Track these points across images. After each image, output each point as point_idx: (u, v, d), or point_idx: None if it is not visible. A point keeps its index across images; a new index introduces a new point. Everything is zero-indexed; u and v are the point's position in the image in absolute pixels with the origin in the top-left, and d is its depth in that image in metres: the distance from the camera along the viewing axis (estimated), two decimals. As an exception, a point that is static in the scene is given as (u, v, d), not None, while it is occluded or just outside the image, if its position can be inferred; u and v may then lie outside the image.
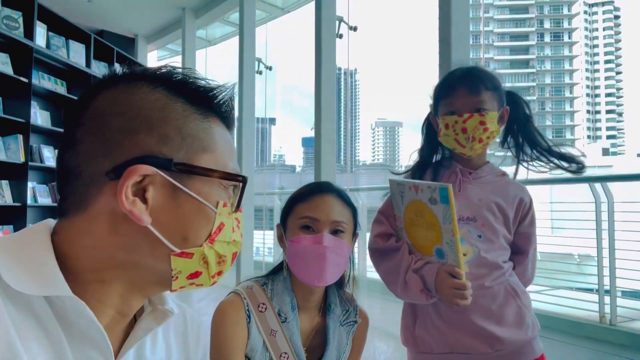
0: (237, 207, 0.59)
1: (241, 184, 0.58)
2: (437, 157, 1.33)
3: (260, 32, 5.19)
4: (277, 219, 4.43)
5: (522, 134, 1.28)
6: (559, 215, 4.36)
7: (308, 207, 1.06)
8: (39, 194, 4.10)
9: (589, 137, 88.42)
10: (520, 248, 1.25)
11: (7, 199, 3.79)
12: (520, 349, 1.18)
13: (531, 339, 1.19)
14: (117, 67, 0.64)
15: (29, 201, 3.89)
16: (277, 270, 1.12)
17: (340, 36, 3.82)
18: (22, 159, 3.80)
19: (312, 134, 4.42)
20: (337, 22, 3.82)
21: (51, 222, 0.55)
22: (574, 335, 3.38)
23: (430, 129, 1.32)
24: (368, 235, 1.31)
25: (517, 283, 1.21)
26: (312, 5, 3.81)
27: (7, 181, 3.83)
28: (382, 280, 1.25)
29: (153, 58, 6.96)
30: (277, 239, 1.13)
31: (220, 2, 5.29)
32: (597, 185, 3.49)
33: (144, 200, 0.51)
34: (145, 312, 0.60)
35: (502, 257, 1.20)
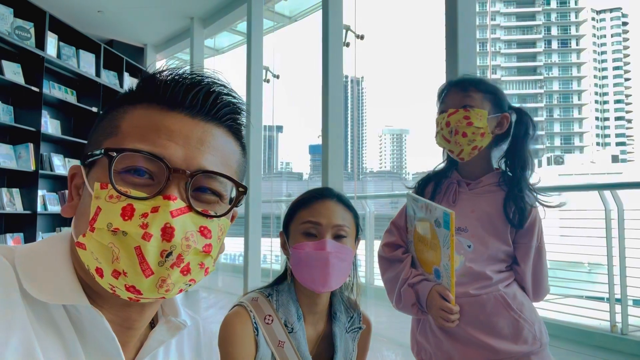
0: (161, 192, 0.50)
1: (163, 164, 0.50)
2: (438, 167, 1.35)
3: (267, 40, 5.23)
4: (284, 227, 4.43)
5: (515, 150, 1.27)
6: (569, 223, 4.32)
7: (309, 213, 1.06)
8: (49, 201, 4.14)
9: (598, 144, 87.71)
10: (517, 259, 1.25)
11: (18, 207, 3.83)
12: None
13: (530, 353, 1.17)
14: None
15: (39, 209, 3.93)
16: (281, 278, 1.12)
17: (347, 44, 3.83)
18: (32, 167, 3.84)
19: (319, 141, 4.43)
20: (344, 31, 3.84)
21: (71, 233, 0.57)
22: (585, 344, 3.34)
23: None
24: (378, 243, 1.35)
25: (513, 294, 1.20)
26: (319, 14, 3.84)
27: (17, 189, 3.88)
28: (385, 288, 1.29)
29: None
30: (281, 246, 1.14)
31: (228, 12, 5.34)
32: (607, 193, 3.46)
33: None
34: (159, 323, 0.60)
35: (491, 267, 1.20)
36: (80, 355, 0.50)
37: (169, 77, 0.54)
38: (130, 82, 5.04)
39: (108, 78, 4.91)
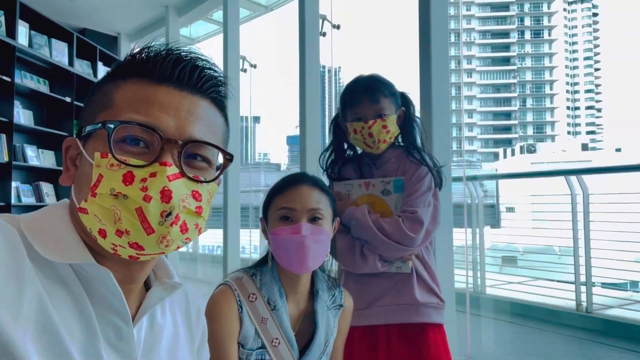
0: (157, 159, 0.54)
1: (157, 135, 0.54)
2: (349, 153, 1.55)
3: (244, 30, 5.21)
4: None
5: (407, 128, 1.49)
6: (540, 208, 4.48)
7: (285, 199, 1.11)
8: (22, 193, 4.08)
9: (569, 132, 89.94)
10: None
11: (-9, 199, 3.76)
12: None
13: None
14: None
15: (13, 201, 3.87)
16: (264, 261, 1.17)
17: (324, 34, 3.87)
18: (5, 159, 3.78)
19: (297, 132, 4.46)
20: (321, 20, 3.87)
21: (67, 201, 0.62)
22: (553, 323, 3.51)
23: (337, 129, 1.54)
24: None
25: None
26: (296, 3, 3.86)
27: (-10, 181, 3.81)
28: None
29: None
30: (261, 231, 1.19)
31: (203, 0, 5.29)
32: (573, 178, 3.61)
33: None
34: (155, 284, 0.66)
35: None
36: (89, 309, 0.54)
37: (157, 53, 0.59)
38: (104, 71, 4.97)
39: (81, 67, 4.83)
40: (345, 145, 1.55)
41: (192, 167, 0.58)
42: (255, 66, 5.32)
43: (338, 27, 3.96)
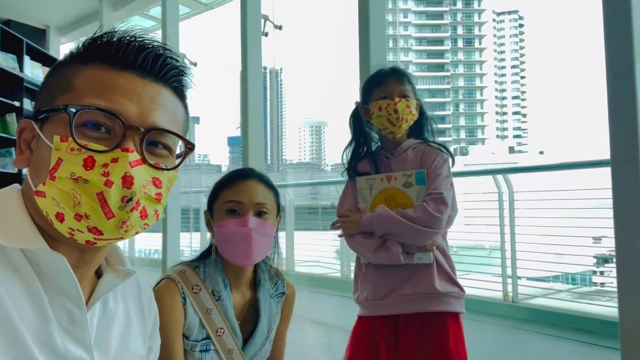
0: (119, 145, 0.55)
1: (119, 121, 0.55)
2: (364, 149, 1.58)
3: (184, 27, 5.11)
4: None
5: (422, 119, 1.56)
6: (470, 206, 4.74)
7: (232, 192, 1.13)
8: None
9: (497, 136, 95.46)
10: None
11: None
12: None
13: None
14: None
15: None
16: (207, 253, 1.19)
17: (266, 34, 3.89)
18: None
19: (238, 133, 4.44)
20: (263, 21, 3.88)
21: (19, 186, 0.61)
22: (483, 313, 3.73)
23: (357, 118, 1.58)
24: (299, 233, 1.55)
25: None
26: (236, 2, 3.84)
27: None
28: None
29: (66, 51, 6.56)
30: (205, 224, 1.20)
31: (140, -5, 5.13)
32: (500, 177, 3.87)
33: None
34: (107, 271, 0.66)
35: None
36: (42, 295, 0.54)
37: (119, 39, 0.59)
38: (31, 66, 4.68)
39: (6, 61, 4.51)
40: (361, 140, 1.58)
41: (153, 154, 0.59)
42: (195, 64, 5.23)
43: (280, 27, 3.99)
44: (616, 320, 3.04)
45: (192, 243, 7.16)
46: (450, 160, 1.49)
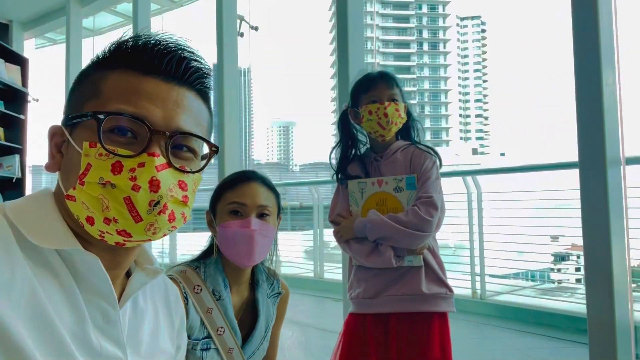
0: (145, 150, 0.56)
1: (145, 126, 0.56)
2: (352, 152, 1.61)
3: (155, 23, 5.01)
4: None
5: (410, 122, 1.60)
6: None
7: (235, 194, 1.16)
8: None
9: (461, 138, 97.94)
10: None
11: None
12: None
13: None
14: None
15: None
16: (207, 253, 1.21)
17: (242, 35, 3.87)
18: None
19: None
20: (239, 21, 3.86)
21: (51, 189, 0.62)
22: (452, 310, 3.85)
23: (345, 121, 1.61)
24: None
25: None
26: (208, 1, 3.80)
27: None
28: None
29: (31, 46, 6.33)
30: (207, 224, 1.22)
31: (110, -9, 5.01)
32: (469, 178, 4.00)
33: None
34: (136, 270, 0.68)
35: None
36: (77, 294, 0.56)
37: (144, 44, 0.60)
38: (-6, 61, 4.49)
39: (-34, 55, 4.33)
40: (349, 142, 1.60)
41: (178, 157, 0.60)
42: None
43: (257, 28, 3.99)
44: (579, 316, 3.23)
45: (174, 245, 6.95)
46: (437, 161, 1.54)
